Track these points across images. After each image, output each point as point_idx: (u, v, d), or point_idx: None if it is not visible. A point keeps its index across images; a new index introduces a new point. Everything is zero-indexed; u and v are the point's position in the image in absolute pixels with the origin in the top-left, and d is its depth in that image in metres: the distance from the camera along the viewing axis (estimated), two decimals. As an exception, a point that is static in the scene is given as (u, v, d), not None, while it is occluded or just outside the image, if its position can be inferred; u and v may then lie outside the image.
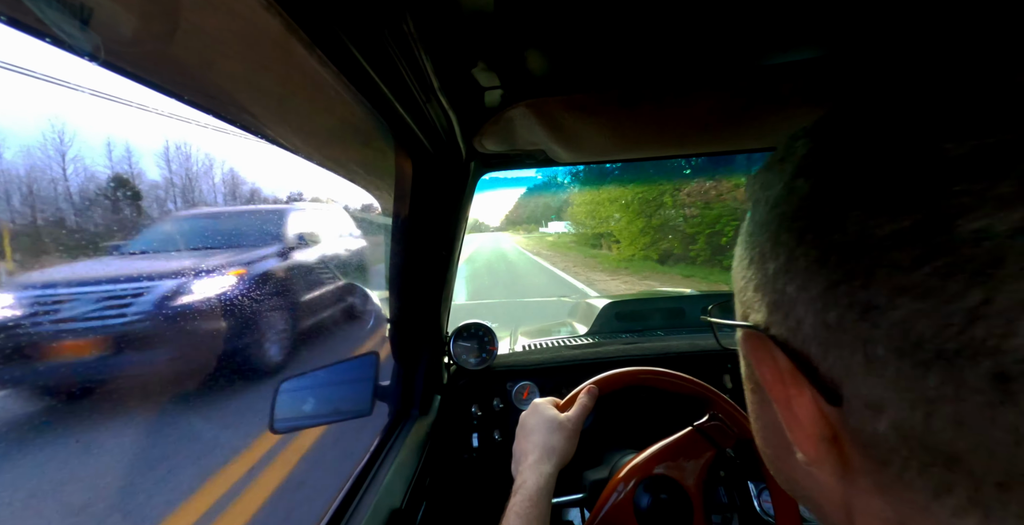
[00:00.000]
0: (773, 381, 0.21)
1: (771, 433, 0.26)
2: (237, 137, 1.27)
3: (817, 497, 0.24)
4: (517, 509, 0.56)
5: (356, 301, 4.30)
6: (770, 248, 0.22)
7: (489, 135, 0.72)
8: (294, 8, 0.35)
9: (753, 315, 0.24)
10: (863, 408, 0.18)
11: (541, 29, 0.46)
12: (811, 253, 0.19)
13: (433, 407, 1.04)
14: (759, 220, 0.24)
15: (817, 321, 0.19)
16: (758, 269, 0.23)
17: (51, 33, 0.32)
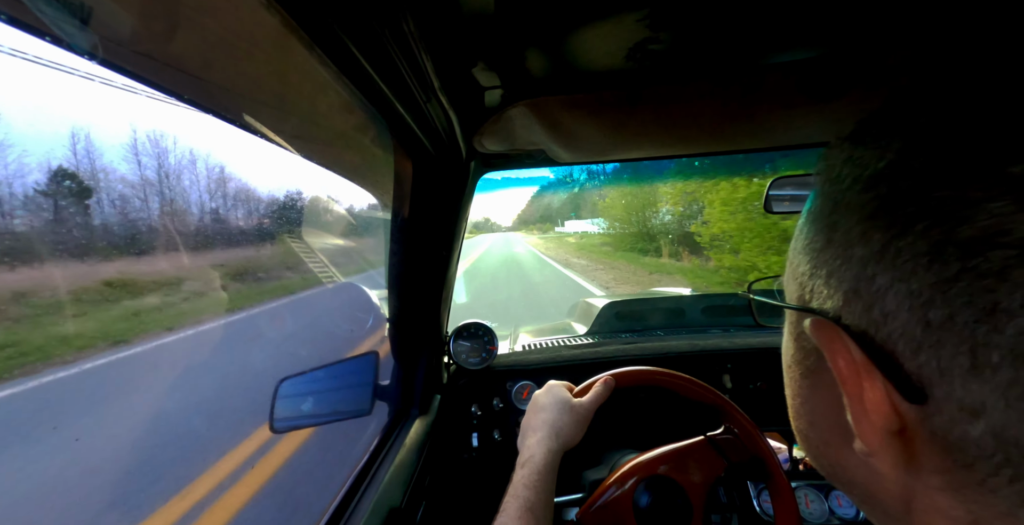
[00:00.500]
0: (848, 372, 0.21)
1: (820, 419, 0.26)
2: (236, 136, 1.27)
3: (869, 486, 0.23)
4: (526, 481, 0.56)
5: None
6: (860, 232, 0.20)
7: (489, 135, 0.72)
8: (294, 8, 0.35)
9: (818, 301, 0.23)
10: (956, 411, 0.17)
11: (541, 29, 0.46)
12: (920, 244, 0.18)
13: (433, 407, 1.04)
14: (844, 200, 0.22)
15: (913, 317, 0.18)
16: (836, 253, 0.22)
17: (51, 32, 0.32)
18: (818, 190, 0.25)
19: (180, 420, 3.00)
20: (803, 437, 0.28)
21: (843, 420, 0.22)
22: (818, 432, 0.26)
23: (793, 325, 0.28)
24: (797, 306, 0.26)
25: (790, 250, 0.28)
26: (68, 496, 2.27)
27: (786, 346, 0.29)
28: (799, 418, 0.28)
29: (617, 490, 0.67)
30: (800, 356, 0.27)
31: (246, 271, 5.95)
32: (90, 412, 3.20)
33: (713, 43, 0.49)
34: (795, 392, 0.28)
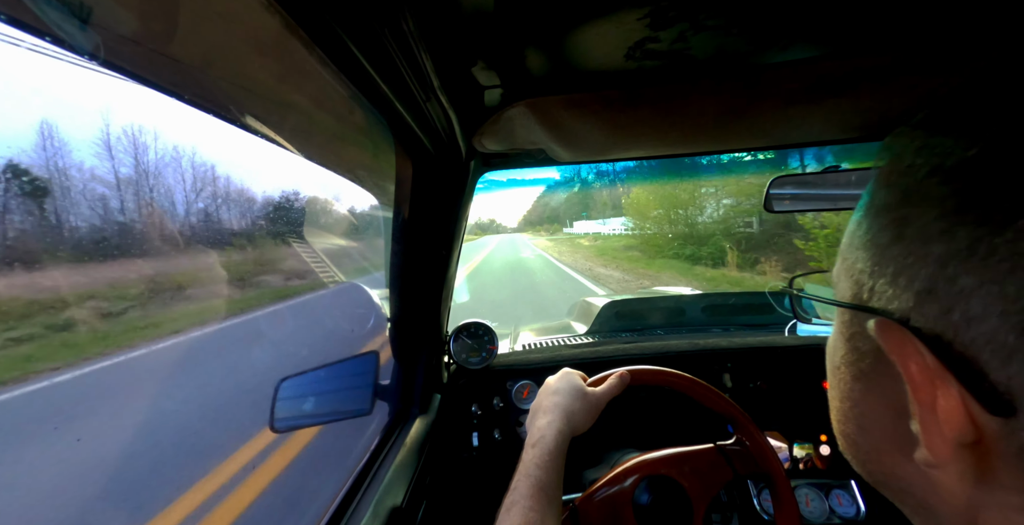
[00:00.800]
0: (921, 379, 0.19)
1: (873, 424, 0.24)
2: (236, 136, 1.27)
3: (927, 497, 0.22)
4: (537, 461, 0.56)
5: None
6: (940, 228, 0.19)
7: (489, 134, 0.72)
8: (294, 8, 0.35)
9: (881, 300, 0.22)
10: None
11: (541, 28, 0.46)
12: (1021, 245, 0.16)
13: (433, 406, 1.04)
14: (918, 192, 0.20)
15: (1006, 323, 0.16)
16: (906, 250, 0.20)
17: (51, 33, 0.32)
18: (881, 181, 0.24)
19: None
20: (850, 442, 0.27)
21: (902, 427, 0.21)
22: (870, 438, 0.25)
23: (846, 325, 0.26)
24: (853, 305, 0.24)
25: (843, 245, 0.26)
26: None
27: (835, 346, 0.28)
28: (847, 422, 0.27)
29: (618, 485, 0.67)
30: (853, 357, 0.25)
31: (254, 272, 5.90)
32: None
33: (713, 42, 0.49)
34: (844, 395, 0.26)
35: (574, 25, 0.45)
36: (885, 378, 0.23)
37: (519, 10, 0.42)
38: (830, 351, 0.29)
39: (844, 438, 0.28)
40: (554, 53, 0.51)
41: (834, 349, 0.28)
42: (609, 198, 52.53)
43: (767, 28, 0.47)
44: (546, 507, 0.52)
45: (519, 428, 1.15)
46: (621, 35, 0.47)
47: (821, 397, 1.13)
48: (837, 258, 0.28)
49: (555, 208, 77.55)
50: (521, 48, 0.50)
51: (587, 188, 40.11)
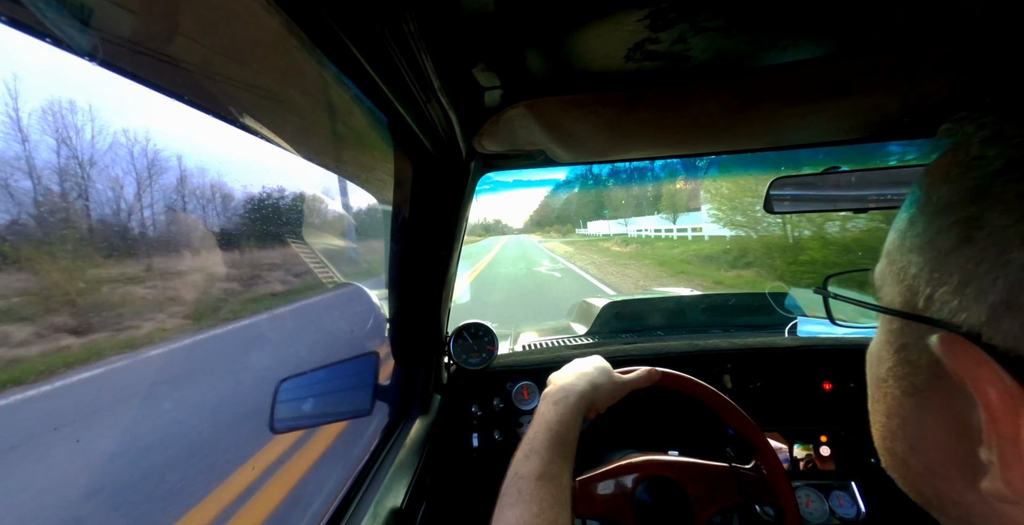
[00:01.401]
0: (1002, 407, 0.17)
1: (929, 446, 0.22)
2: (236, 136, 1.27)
3: (982, 521, 0.20)
4: (559, 418, 0.56)
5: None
6: (1021, 233, 0.17)
7: (489, 135, 0.72)
8: (294, 8, 0.35)
9: (944, 311, 0.19)
10: None
11: (541, 29, 0.46)
12: None
13: (433, 407, 1.04)
14: (992, 188, 0.18)
15: None
16: (978, 256, 0.18)
17: (51, 33, 0.32)
18: (939, 175, 0.21)
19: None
20: (898, 461, 0.25)
21: (964, 452, 0.19)
22: (923, 460, 0.23)
23: (894, 334, 0.24)
24: (910, 314, 0.21)
25: (891, 244, 0.24)
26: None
27: (879, 356, 0.25)
28: (896, 440, 0.24)
29: (623, 476, 0.67)
30: (904, 371, 0.23)
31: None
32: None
33: (713, 43, 0.49)
34: (892, 411, 0.24)
35: (574, 26, 0.45)
36: (945, 396, 0.21)
37: (519, 11, 0.42)
38: (873, 361, 0.26)
39: (891, 456, 0.25)
40: (554, 54, 0.51)
41: (879, 359, 0.25)
42: (634, 196, 49.85)
43: (767, 29, 0.47)
44: (563, 462, 0.51)
45: (519, 429, 1.15)
46: (621, 36, 0.47)
47: (821, 398, 1.14)
48: (882, 258, 0.26)
49: (564, 208, 74.98)
50: (521, 49, 0.50)
51: (602, 186, 38.67)
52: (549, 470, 0.49)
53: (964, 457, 0.20)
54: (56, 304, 2.75)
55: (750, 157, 0.91)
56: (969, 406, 0.19)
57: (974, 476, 0.19)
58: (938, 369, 0.21)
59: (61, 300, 2.73)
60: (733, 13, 0.43)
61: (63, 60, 0.33)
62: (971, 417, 0.19)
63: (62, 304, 2.79)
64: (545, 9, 0.42)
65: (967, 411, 0.19)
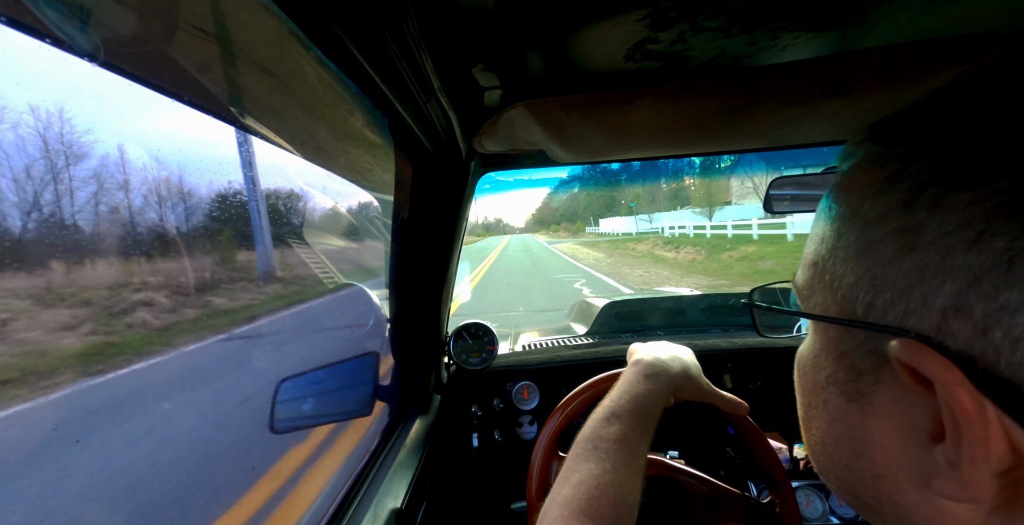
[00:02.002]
0: (975, 410, 0.17)
1: (875, 451, 0.22)
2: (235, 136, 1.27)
3: (924, 521, 0.21)
4: (650, 396, 0.53)
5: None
6: (966, 238, 0.17)
7: (488, 135, 0.72)
8: (294, 8, 0.35)
9: (888, 316, 0.20)
10: None
11: (541, 29, 0.46)
12: None
13: (433, 407, 1.04)
14: (924, 199, 0.19)
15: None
16: (921, 263, 0.19)
17: (51, 33, 0.32)
18: (860, 188, 0.22)
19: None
20: (840, 466, 0.25)
21: (911, 454, 0.20)
22: (868, 464, 0.23)
23: (832, 341, 0.24)
24: (862, 323, 0.21)
25: (814, 255, 0.25)
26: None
27: (815, 363, 0.26)
28: (839, 446, 0.24)
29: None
30: (847, 377, 0.23)
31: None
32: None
33: (713, 43, 0.49)
34: (835, 417, 0.24)
35: (574, 26, 0.45)
36: (890, 400, 0.21)
37: (519, 11, 0.42)
38: (808, 369, 0.27)
39: (832, 462, 0.25)
40: (554, 54, 0.51)
41: (815, 367, 0.26)
42: (659, 191, 45.78)
43: (767, 29, 0.47)
44: (644, 433, 0.50)
45: (519, 429, 1.15)
46: (621, 36, 0.47)
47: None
48: (803, 268, 0.26)
49: (570, 204, 72.23)
50: (521, 49, 0.50)
51: (615, 181, 36.89)
52: (628, 437, 0.48)
53: (911, 459, 0.20)
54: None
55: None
56: (917, 409, 0.20)
57: (920, 477, 0.20)
58: (881, 374, 0.21)
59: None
60: (733, 13, 0.43)
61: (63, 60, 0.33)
62: (918, 419, 0.20)
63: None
64: (545, 9, 0.42)
65: (914, 414, 0.20)
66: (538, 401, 1.16)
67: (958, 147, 0.19)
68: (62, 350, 2.24)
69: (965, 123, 0.19)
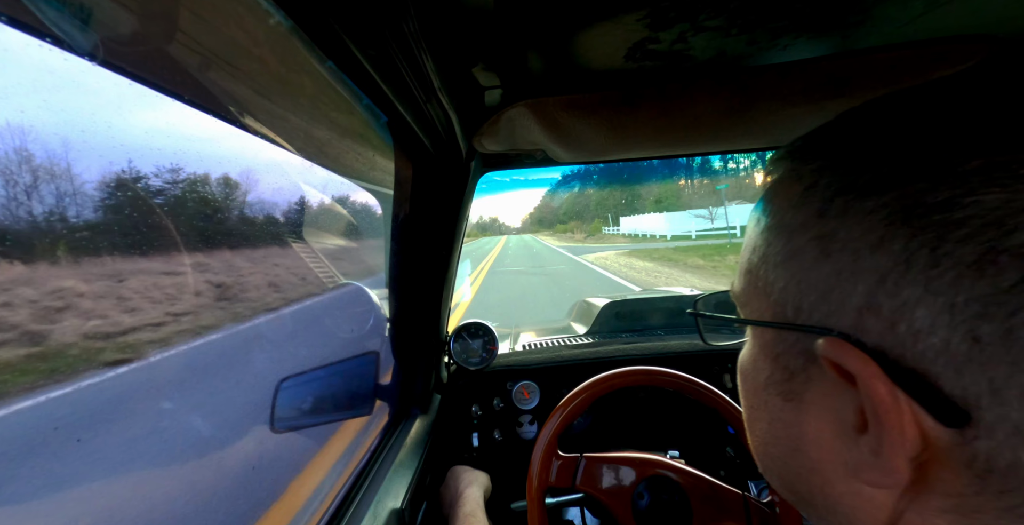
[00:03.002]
0: (890, 399, 0.18)
1: (809, 446, 0.24)
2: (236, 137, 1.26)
3: (849, 509, 0.22)
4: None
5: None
6: (870, 243, 0.19)
7: (489, 135, 0.72)
8: (294, 8, 0.35)
9: (812, 319, 0.21)
10: (1010, 434, 0.16)
11: (541, 29, 0.46)
12: (961, 252, 0.16)
13: (433, 407, 1.04)
14: (835, 209, 0.21)
15: (956, 333, 0.16)
16: (836, 267, 0.20)
17: (51, 33, 0.32)
18: (782, 200, 0.24)
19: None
20: (779, 463, 0.27)
21: (839, 447, 0.21)
22: (804, 459, 0.24)
23: (768, 345, 0.25)
24: (790, 325, 0.23)
25: (748, 264, 0.26)
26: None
27: (756, 367, 0.27)
28: (778, 444, 0.26)
29: (631, 467, 0.68)
30: (781, 377, 0.25)
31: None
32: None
33: (713, 43, 0.49)
34: (774, 416, 0.26)
35: (574, 26, 0.45)
36: (820, 397, 0.22)
37: (519, 11, 0.42)
38: (748, 372, 0.28)
39: (771, 460, 0.27)
40: (554, 54, 0.51)
41: (755, 370, 0.27)
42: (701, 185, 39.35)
43: (767, 29, 0.47)
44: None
45: (519, 429, 1.15)
46: (621, 36, 0.47)
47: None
48: (739, 277, 0.28)
49: (579, 201, 65.28)
50: (521, 49, 0.50)
51: (641, 173, 33.30)
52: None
53: (840, 452, 0.22)
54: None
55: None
56: (842, 403, 0.21)
57: (848, 469, 0.21)
58: (811, 373, 0.23)
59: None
60: (733, 13, 0.43)
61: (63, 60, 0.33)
62: (845, 413, 0.21)
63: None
64: (545, 8, 0.42)
65: (841, 408, 0.21)
66: (538, 401, 1.16)
67: (861, 161, 0.21)
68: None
69: (868, 138, 0.21)
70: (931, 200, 0.17)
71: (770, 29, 0.47)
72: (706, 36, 0.47)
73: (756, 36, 0.48)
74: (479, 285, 12.47)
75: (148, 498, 1.16)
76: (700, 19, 0.44)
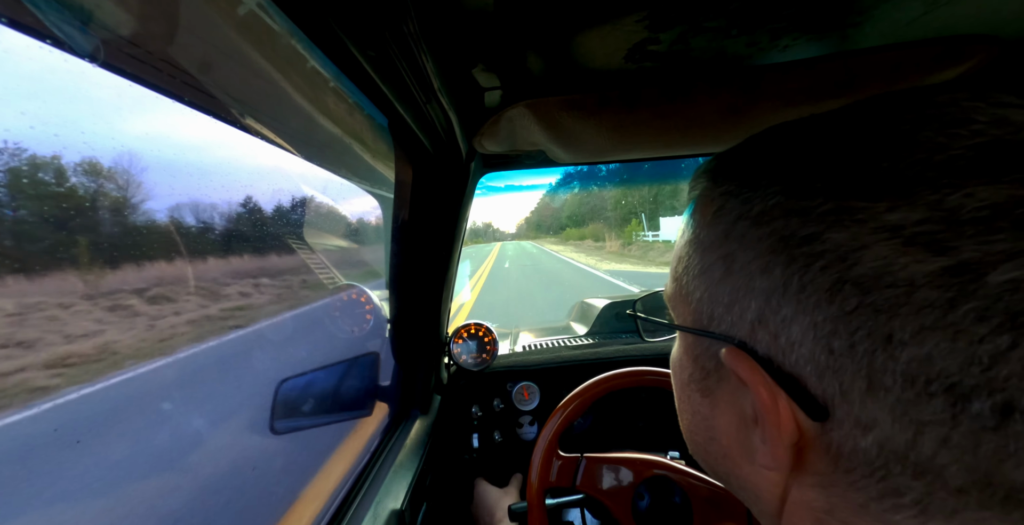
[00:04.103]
0: (769, 401, 0.22)
1: (721, 435, 0.28)
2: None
3: (758, 491, 0.26)
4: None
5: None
6: (760, 266, 0.22)
7: (489, 135, 0.72)
8: (294, 9, 0.35)
9: (722, 327, 0.25)
10: (853, 426, 0.19)
11: (541, 30, 0.46)
12: (820, 280, 0.19)
13: (433, 407, 1.04)
14: (735, 232, 0.23)
15: (818, 346, 0.20)
16: (737, 284, 0.23)
17: (51, 34, 0.32)
18: (700, 219, 0.26)
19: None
20: (701, 449, 0.31)
21: (743, 437, 0.25)
22: (718, 446, 0.28)
23: (690, 346, 0.29)
24: (701, 331, 0.26)
25: (677, 270, 0.29)
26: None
27: (681, 364, 0.30)
28: (698, 432, 0.30)
29: (632, 468, 0.67)
30: (699, 375, 0.28)
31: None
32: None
33: (713, 43, 0.49)
34: (694, 409, 0.30)
35: (574, 27, 0.45)
36: (729, 394, 0.26)
37: (519, 12, 0.42)
38: (677, 369, 0.31)
39: (695, 446, 0.31)
40: (554, 55, 0.51)
41: (681, 368, 0.31)
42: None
43: (767, 29, 0.47)
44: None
45: (519, 429, 1.15)
46: (621, 36, 0.47)
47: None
48: (668, 282, 0.31)
49: (587, 202, 49.28)
50: (521, 50, 0.50)
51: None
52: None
53: (743, 441, 0.25)
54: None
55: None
56: (743, 400, 0.25)
57: (749, 454, 0.25)
58: (722, 373, 0.26)
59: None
60: (733, 14, 0.43)
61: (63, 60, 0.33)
62: (745, 409, 0.25)
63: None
64: (545, 9, 0.42)
65: (742, 404, 0.25)
66: (538, 401, 1.16)
67: (755, 190, 0.23)
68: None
69: (761, 168, 0.24)
70: (801, 233, 0.20)
71: (770, 30, 0.47)
72: (706, 37, 0.47)
73: (756, 37, 0.48)
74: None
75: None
76: (700, 20, 0.44)
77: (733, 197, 0.24)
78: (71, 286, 1.89)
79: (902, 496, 0.19)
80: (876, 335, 0.18)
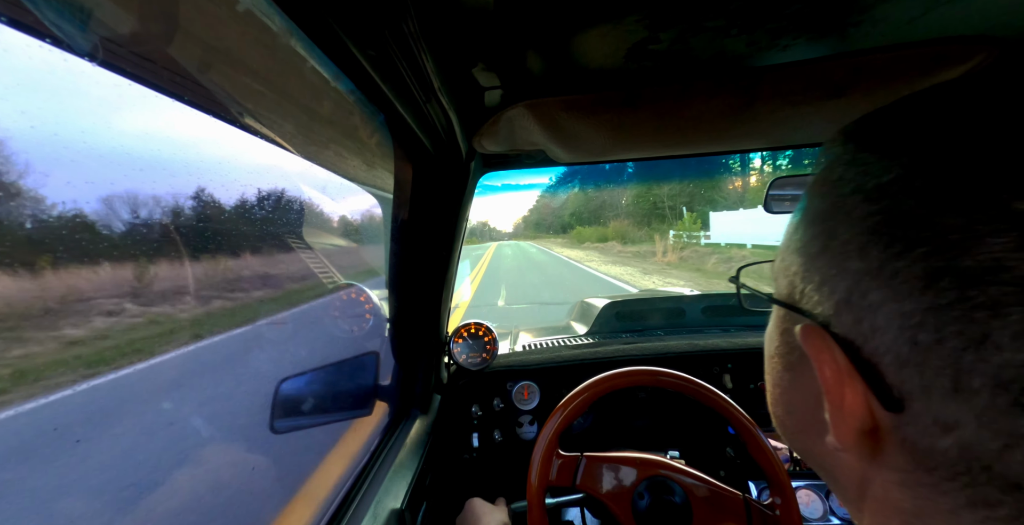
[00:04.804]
0: (833, 381, 0.22)
1: (798, 410, 0.28)
2: (237, 137, 1.26)
3: (834, 470, 0.26)
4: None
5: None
6: (858, 246, 0.21)
7: (489, 135, 0.72)
8: (294, 8, 0.35)
9: (809, 304, 0.24)
10: (931, 424, 0.18)
11: (541, 30, 0.46)
12: (917, 268, 0.18)
13: (433, 407, 1.04)
14: (844, 207, 0.22)
15: (903, 336, 0.19)
16: (831, 262, 0.22)
17: (51, 34, 0.32)
18: (815, 190, 0.25)
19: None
20: (780, 422, 0.31)
21: (819, 415, 0.24)
22: (795, 421, 0.29)
23: (781, 320, 0.29)
24: (787, 304, 0.26)
25: (782, 246, 0.29)
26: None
27: (771, 337, 0.30)
28: (777, 405, 0.30)
29: (632, 468, 0.68)
30: (784, 350, 0.28)
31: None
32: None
33: (713, 43, 0.49)
34: (776, 382, 0.30)
35: (574, 26, 0.45)
36: (808, 370, 0.25)
37: (519, 12, 0.42)
38: (767, 341, 0.31)
39: (776, 419, 0.31)
40: (554, 54, 0.51)
41: (770, 339, 0.31)
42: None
43: (767, 29, 0.47)
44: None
45: (519, 429, 1.15)
46: (621, 36, 0.47)
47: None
48: (777, 255, 0.30)
49: (614, 196, 39.13)
50: (521, 49, 0.50)
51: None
52: None
53: (817, 419, 0.24)
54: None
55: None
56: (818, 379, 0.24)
57: (823, 433, 0.24)
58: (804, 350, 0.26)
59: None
60: (733, 13, 0.43)
61: (63, 60, 0.33)
62: (819, 387, 0.24)
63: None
64: (545, 9, 0.42)
65: (817, 382, 0.24)
66: (538, 401, 1.16)
67: (880, 160, 0.21)
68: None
69: (889, 140, 0.22)
70: (911, 214, 0.19)
71: (770, 30, 0.47)
72: (706, 37, 0.47)
73: (756, 37, 0.48)
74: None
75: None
76: (700, 19, 0.44)
77: (853, 166, 0.22)
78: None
79: (994, 509, 0.17)
80: (969, 333, 0.17)
